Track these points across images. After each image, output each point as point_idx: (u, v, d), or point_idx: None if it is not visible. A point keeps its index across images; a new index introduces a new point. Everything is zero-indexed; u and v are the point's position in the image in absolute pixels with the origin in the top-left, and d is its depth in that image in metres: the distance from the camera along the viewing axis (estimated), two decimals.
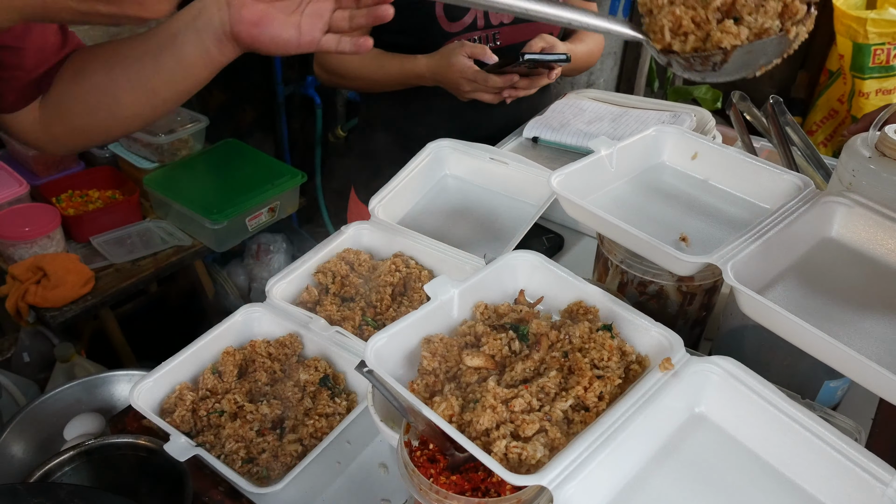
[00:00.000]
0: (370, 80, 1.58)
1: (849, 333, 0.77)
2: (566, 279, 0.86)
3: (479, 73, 1.36)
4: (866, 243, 0.87)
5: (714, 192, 0.99)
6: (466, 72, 1.37)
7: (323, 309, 1.10)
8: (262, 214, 2.22)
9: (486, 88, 1.39)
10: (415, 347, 0.80)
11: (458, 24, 1.49)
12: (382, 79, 1.55)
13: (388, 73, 1.53)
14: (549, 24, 1.58)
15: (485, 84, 1.37)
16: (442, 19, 1.49)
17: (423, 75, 1.47)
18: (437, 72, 1.44)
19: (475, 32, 1.51)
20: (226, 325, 1.08)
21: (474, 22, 1.50)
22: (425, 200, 1.37)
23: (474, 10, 1.49)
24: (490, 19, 1.51)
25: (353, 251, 1.21)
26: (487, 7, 0.76)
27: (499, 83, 1.37)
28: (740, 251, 0.79)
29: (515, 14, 0.78)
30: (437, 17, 1.48)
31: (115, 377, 1.49)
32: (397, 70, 1.50)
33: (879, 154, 0.90)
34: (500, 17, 1.52)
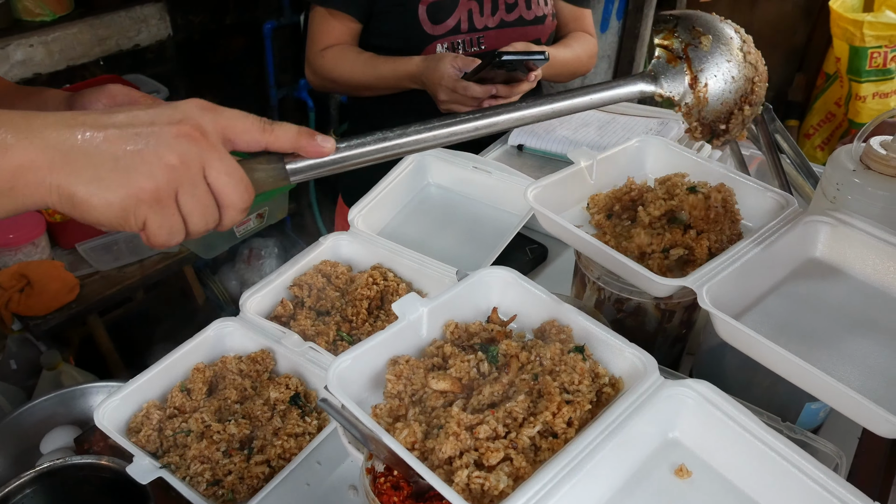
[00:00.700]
0: (362, 83, 1.56)
1: (831, 357, 0.74)
2: (540, 296, 0.84)
3: (458, 82, 1.34)
4: (852, 263, 0.84)
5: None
6: (446, 79, 1.35)
7: (297, 324, 1.08)
8: (251, 221, 2.19)
9: (464, 100, 1.36)
10: (381, 369, 0.78)
11: (441, 26, 1.47)
12: (375, 81, 1.53)
13: (381, 76, 1.51)
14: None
15: (464, 94, 1.35)
16: (425, 22, 1.47)
17: (414, 75, 1.45)
18: (424, 73, 1.42)
19: (459, 35, 1.48)
20: (197, 339, 1.05)
21: (458, 25, 1.48)
22: (408, 210, 1.34)
23: (458, 13, 1.47)
24: (474, 23, 1.49)
25: (330, 263, 1.18)
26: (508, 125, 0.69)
27: (478, 93, 1.35)
28: (717, 274, 0.76)
29: (531, 122, 0.71)
30: (419, 20, 1.46)
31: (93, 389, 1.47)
32: (390, 72, 1.49)
33: (864, 167, 0.87)
34: (485, 21, 1.50)
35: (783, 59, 3.08)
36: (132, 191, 0.60)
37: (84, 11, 2.38)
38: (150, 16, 2.54)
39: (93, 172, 0.59)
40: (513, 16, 1.52)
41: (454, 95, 1.36)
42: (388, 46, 1.52)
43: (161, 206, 0.62)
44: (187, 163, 0.61)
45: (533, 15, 1.54)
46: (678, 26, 0.67)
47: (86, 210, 0.60)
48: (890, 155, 0.85)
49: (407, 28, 1.47)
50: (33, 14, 2.26)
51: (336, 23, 1.52)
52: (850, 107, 2.75)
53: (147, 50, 2.59)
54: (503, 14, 1.51)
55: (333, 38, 1.54)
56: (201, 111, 0.64)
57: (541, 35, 1.56)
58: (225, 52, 2.86)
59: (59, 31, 2.32)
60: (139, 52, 2.56)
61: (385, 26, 1.52)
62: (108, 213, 0.60)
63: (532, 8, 1.53)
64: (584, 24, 1.70)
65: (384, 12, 1.50)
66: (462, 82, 1.34)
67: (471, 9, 1.48)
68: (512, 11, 1.52)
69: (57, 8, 2.30)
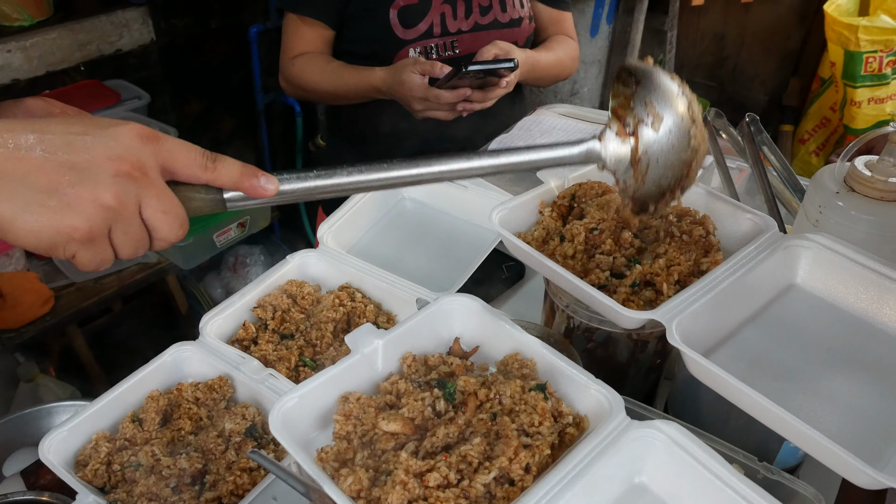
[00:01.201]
0: (330, 92, 1.53)
1: (809, 396, 0.70)
2: (504, 327, 0.79)
3: (429, 90, 1.30)
4: (834, 291, 0.80)
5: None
6: (416, 90, 1.31)
7: (258, 348, 1.03)
8: (231, 230, 2.15)
9: (439, 106, 1.32)
10: (332, 406, 0.73)
11: (413, 31, 1.43)
12: (342, 91, 1.50)
13: (347, 86, 1.47)
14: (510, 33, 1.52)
15: (436, 101, 1.31)
16: (396, 26, 1.43)
17: (380, 88, 1.41)
18: (391, 87, 1.38)
19: (432, 40, 1.44)
20: (154, 365, 1.01)
21: (430, 29, 1.44)
22: (381, 225, 1.30)
23: (430, 16, 1.43)
24: (447, 26, 1.45)
25: (296, 283, 1.14)
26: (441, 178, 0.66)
27: (450, 99, 1.31)
28: (689, 305, 0.72)
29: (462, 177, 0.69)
30: (391, 25, 1.42)
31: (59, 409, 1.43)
32: (355, 82, 1.45)
33: (848, 189, 0.83)
34: (459, 25, 1.46)
35: (778, 64, 3.04)
36: (64, 229, 0.57)
37: (64, 16, 2.33)
38: (133, 20, 2.49)
39: (22, 202, 0.56)
40: (487, 19, 1.48)
41: (427, 104, 1.33)
42: (360, 52, 1.48)
43: (93, 244, 0.60)
44: (124, 202, 0.58)
45: (508, 18, 1.50)
46: (636, 97, 0.64)
47: (10, 236, 0.57)
48: (875, 176, 0.81)
49: (378, 33, 1.44)
50: (11, 19, 2.22)
51: (308, 29, 1.49)
52: (846, 112, 2.70)
53: (129, 55, 2.54)
54: (477, 17, 1.47)
55: (305, 45, 1.50)
56: (141, 143, 0.60)
57: (517, 38, 1.51)
58: (210, 56, 2.81)
59: (38, 37, 2.27)
60: (121, 57, 2.51)
61: (356, 32, 1.48)
62: (35, 243, 0.58)
63: (507, 10, 1.49)
64: (565, 27, 1.66)
65: (355, 17, 1.46)
66: (433, 90, 1.30)
67: (444, 12, 1.44)
68: (486, 14, 1.47)
69: (35, 12, 2.25)
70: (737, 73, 3.19)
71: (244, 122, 3.02)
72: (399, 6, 1.42)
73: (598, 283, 0.79)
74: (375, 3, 1.43)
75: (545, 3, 1.61)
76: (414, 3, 1.43)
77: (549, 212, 0.87)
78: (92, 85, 2.40)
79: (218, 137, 3.01)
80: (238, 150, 3.11)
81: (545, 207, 0.88)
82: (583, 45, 2.43)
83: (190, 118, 2.87)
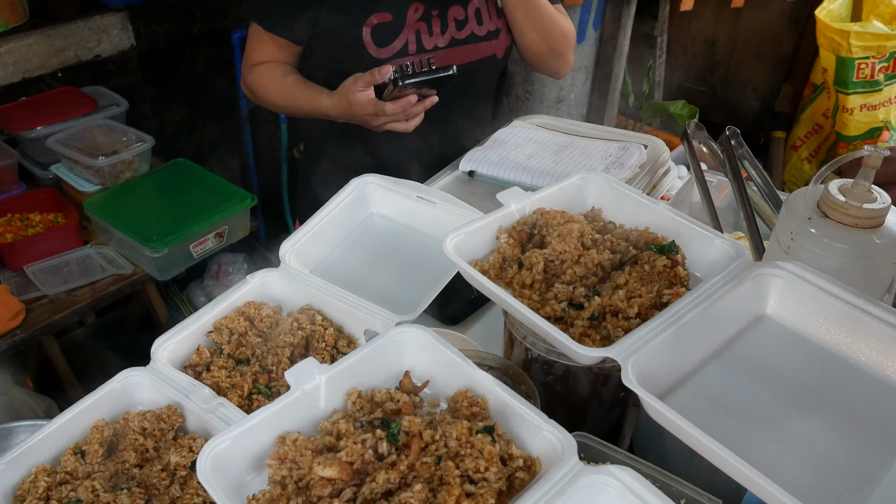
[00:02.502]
0: (283, 107, 1.50)
1: (773, 440, 0.66)
2: (455, 361, 0.75)
3: (377, 104, 1.26)
4: (806, 323, 0.75)
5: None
6: (366, 107, 1.28)
7: (210, 375, 0.99)
8: (209, 240, 2.10)
9: (390, 118, 1.29)
10: (269, 447, 0.69)
11: (387, 49, 1.38)
12: (294, 109, 1.47)
13: (299, 106, 1.44)
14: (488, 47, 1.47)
15: (384, 115, 1.27)
16: (370, 45, 1.38)
17: (330, 115, 1.38)
18: (342, 112, 1.35)
19: (407, 58, 1.40)
20: (101, 392, 0.96)
21: (405, 47, 1.39)
22: (348, 242, 1.25)
23: (405, 34, 1.38)
24: (423, 43, 1.40)
25: (255, 304, 1.09)
26: None
27: (396, 110, 1.27)
28: (648, 341, 0.67)
29: None
30: (364, 44, 1.38)
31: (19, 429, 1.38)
32: (306, 104, 1.42)
33: (821, 214, 0.78)
34: (435, 41, 1.41)
35: (770, 69, 2.99)
36: None
37: (39, 22, 2.29)
38: (112, 25, 2.45)
39: None
40: (464, 33, 1.43)
41: (380, 119, 1.29)
42: (333, 69, 1.43)
43: None
44: None
45: (485, 30, 1.45)
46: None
47: None
48: (849, 202, 0.76)
49: (352, 51, 1.39)
50: None
51: (269, 41, 1.45)
52: (838, 119, 2.66)
53: (109, 61, 2.50)
54: (454, 32, 1.42)
55: (266, 55, 1.47)
56: None
57: (495, 51, 1.47)
58: (192, 61, 2.77)
59: (13, 43, 2.23)
60: (100, 64, 2.47)
61: (330, 49, 1.43)
62: None
63: (484, 23, 1.44)
64: None
65: (326, 35, 1.42)
66: (380, 104, 1.27)
67: (419, 29, 1.40)
68: (462, 29, 1.43)
69: (10, 18, 2.21)
70: (728, 78, 3.15)
71: (228, 128, 2.98)
72: (372, 24, 1.38)
73: (555, 315, 0.75)
74: (347, 21, 1.39)
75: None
76: (387, 20, 1.38)
77: (507, 238, 0.83)
78: (69, 92, 2.36)
79: (201, 144, 2.97)
80: (222, 157, 3.07)
81: (503, 233, 0.84)
82: None
83: (172, 125, 2.83)
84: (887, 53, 2.51)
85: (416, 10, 1.40)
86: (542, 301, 0.77)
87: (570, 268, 0.78)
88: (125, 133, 2.21)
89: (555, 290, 0.77)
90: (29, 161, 2.24)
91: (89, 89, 2.41)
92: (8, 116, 2.21)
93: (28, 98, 2.31)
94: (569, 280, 0.78)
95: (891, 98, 2.62)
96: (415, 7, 1.40)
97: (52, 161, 2.21)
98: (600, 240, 0.84)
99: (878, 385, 0.71)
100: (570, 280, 0.78)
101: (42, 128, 2.18)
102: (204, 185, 2.21)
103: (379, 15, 1.39)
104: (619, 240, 0.84)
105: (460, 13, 1.44)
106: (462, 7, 1.44)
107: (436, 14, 1.41)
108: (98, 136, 2.18)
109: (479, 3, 1.45)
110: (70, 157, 2.11)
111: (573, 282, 0.78)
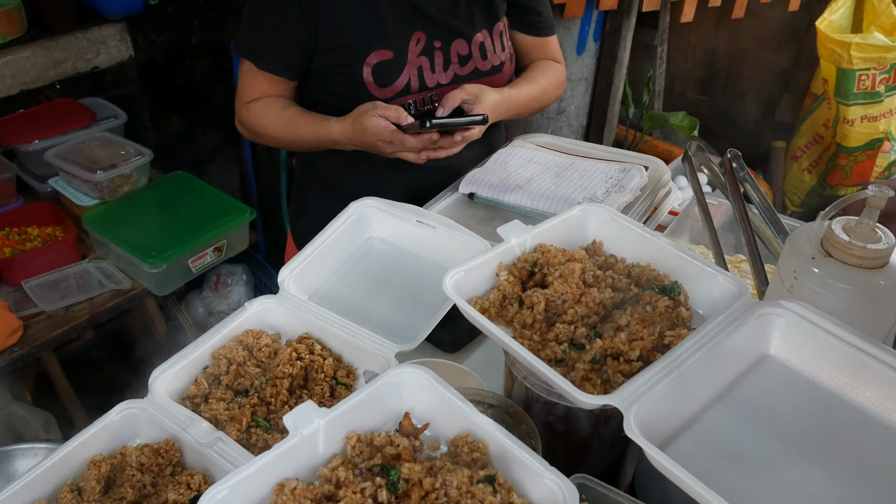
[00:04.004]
0: (287, 141, 1.44)
1: (778, 490, 0.65)
2: (455, 403, 0.74)
3: (395, 133, 1.24)
4: (810, 365, 0.74)
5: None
6: (383, 133, 1.25)
7: (208, 407, 0.98)
8: (207, 255, 2.10)
9: (406, 149, 1.27)
10: (267, 496, 0.68)
11: (389, 89, 1.35)
12: (300, 142, 1.42)
13: (304, 137, 1.39)
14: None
15: (402, 146, 1.25)
16: (371, 85, 1.35)
17: (339, 141, 1.34)
18: (352, 137, 1.31)
19: (410, 96, 1.37)
20: (99, 426, 0.95)
21: (408, 85, 1.36)
22: (347, 266, 1.24)
23: (407, 72, 1.35)
24: (425, 81, 1.37)
25: (253, 333, 1.08)
26: None
27: (416, 145, 1.25)
28: (650, 388, 0.67)
29: None
30: (365, 84, 1.35)
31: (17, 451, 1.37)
32: (312, 134, 1.37)
33: (825, 253, 0.78)
34: (437, 78, 1.38)
35: (769, 79, 2.99)
36: None
37: (37, 33, 2.28)
38: (110, 37, 2.43)
39: None
40: (467, 69, 1.40)
41: (394, 146, 1.27)
42: (335, 105, 1.39)
43: None
44: None
45: (489, 65, 1.42)
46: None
47: None
48: (853, 241, 0.76)
49: (353, 90, 1.35)
50: None
51: (262, 79, 1.39)
52: (838, 130, 2.65)
53: (107, 72, 2.49)
54: (457, 68, 1.39)
55: (260, 91, 1.41)
56: None
57: (498, 83, 1.44)
58: (191, 72, 2.76)
59: (11, 55, 2.22)
60: (98, 75, 2.46)
61: (328, 86, 1.39)
62: None
63: (488, 57, 1.41)
64: (549, 51, 1.58)
65: (326, 72, 1.38)
66: (398, 133, 1.24)
67: (421, 66, 1.36)
68: (466, 64, 1.40)
69: (8, 31, 2.20)
70: (728, 87, 3.14)
71: (226, 137, 2.97)
72: (372, 63, 1.34)
73: (556, 358, 0.74)
74: (346, 58, 1.35)
75: (528, 33, 1.54)
76: (388, 58, 1.35)
77: (507, 275, 0.82)
78: (67, 104, 2.35)
79: (199, 154, 2.96)
80: (221, 166, 3.06)
81: (503, 270, 0.83)
82: (569, 63, 2.38)
83: (170, 135, 2.82)
84: (888, 65, 2.50)
85: (418, 43, 1.36)
86: (543, 342, 0.76)
87: (572, 307, 0.78)
88: (124, 146, 2.20)
89: (556, 331, 0.77)
90: (27, 174, 2.23)
91: (87, 101, 2.40)
92: (6, 129, 2.21)
93: (26, 110, 2.30)
94: (570, 320, 0.77)
95: (892, 109, 2.62)
96: (416, 38, 1.36)
97: (50, 174, 2.21)
98: (602, 276, 0.83)
99: (882, 430, 0.70)
100: (571, 320, 0.77)
101: (40, 141, 2.17)
102: (202, 198, 2.20)
103: (379, 53, 1.34)
104: (620, 276, 0.84)
105: (464, 48, 1.40)
106: (466, 41, 1.40)
107: (438, 46, 1.37)
108: (96, 150, 2.17)
109: (483, 37, 1.42)
110: (68, 171, 2.10)
111: (574, 321, 0.78)
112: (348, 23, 1.33)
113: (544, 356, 0.75)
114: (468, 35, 1.40)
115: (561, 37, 2.26)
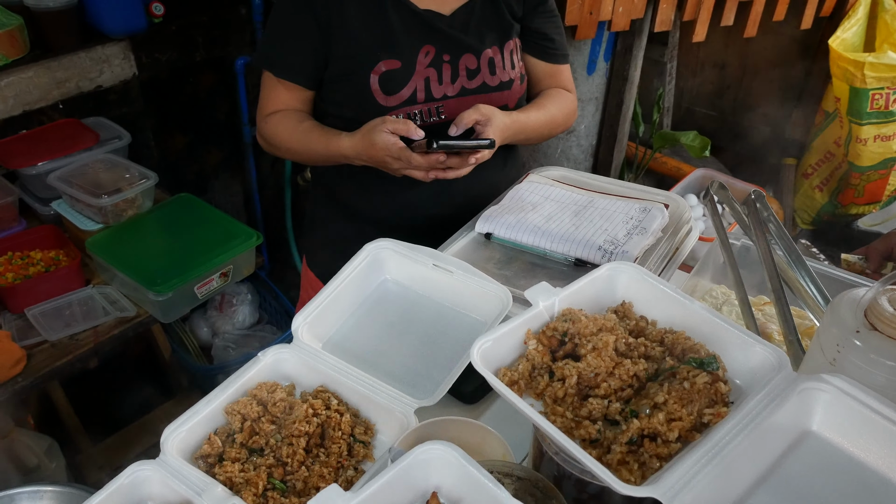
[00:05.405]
0: (301, 155, 1.46)
1: None
2: (482, 483, 0.71)
3: (403, 150, 1.23)
4: (853, 443, 0.72)
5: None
6: (391, 149, 1.24)
7: (223, 469, 0.95)
8: (213, 280, 2.06)
9: (414, 167, 1.25)
10: None
11: (394, 98, 1.35)
12: (312, 156, 1.43)
13: (315, 151, 1.40)
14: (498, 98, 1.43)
15: (409, 163, 1.24)
16: (378, 94, 1.35)
17: (348, 156, 1.34)
18: (361, 152, 1.31)
19: (415, 106, 1.36)
20: (110, 489, 0.92)
21: (413, 95, 1.36)
22: (361, 311, 1.21)
23: (414, 82, 1.35)
24: (432, 92, 1.37)
25: (267, 386, 1.06)
26: None
27: (423, 164, 1.23)
28: (693, 476, 0.64)
29: None
30: (371, 92, 1.34)
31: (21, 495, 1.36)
32: (323, 148, 1.38)
33: (869, 326, 0.74)
34: (444, 90, 1.38)
35: (780, 95, 2.96)
36: None
37: (40, 54, 2.25)
38: (113, 55, 2.40)
39: None
40: (475, 83, 1.39)
41: (401, 163, 1.26)
42: (343, 115, 1.41)
43: None
44: None
45: (498, 81, 1.41)
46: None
47: None
48: None
49: (359, 98, 1.36)
50: None
51: (282, 88, 1.42)
52: (851, 149, 2.62)
53: (110, 91, 2.46)
54: (464, 81, 1.38)
55: (280, 103, 1.43)
56: None
57: (507, 101, 1.43)
58: (195, 89, 2.73)
59: (14, 76, 2.19)
60: (101, 94, 2.43)
61: (338, 95, 1.40)
62: None
63: (497, 73, 1.41)
64: (561, 80, 1.57)
65: (334, 81, 1.39)
66: (406, 151, 1.24)
67: (428, 77, 1.36)
68: (474, 78, 1.39)
69: (10, 52, 2.17)
70: (738, 103, 3.11)
71: (231, 155, 2.94)
72: (380, 72, 1.34)
73: (590, 438, 0.71)
74: (355, 66, 1.35)
75: (540, 59, 1.52)
76: (396, 67, 1.35)
77: (536, 344, 0.79)
78: (70, 124, 2.31)
79: (204, 171, 2.93)
80: (225, 184, 3.03)
81: (531, 338, 0.80)
82: (580, 82, 2.35)
83: (174, 153, 2.79)
84: None
85: (427, 55, 1.37)
86: (576, 419, 0.73)
87: (605, 380, 0.75)
88: (128, 169, 2.17)
89: (589, 406, 0.74)
90: (29, 196, 2.20)
91: (90, 121, 2.37)
92: (8, 151, 2.17)
93: (28, 131, 2.27)
94: (603, 394, 0.74)
95: None
96: (426, 51, 1.36)
97: (52, 196, 2.17)
98: (634, 344, 0.80)
99: None
100: (604, 393, 0.74)
101: (43, 164, 2.14)
102: (208, 221, 2.17)
103: (388, 62, 1.35)
104: (653, 343, 0.81)
105: (472, 62, 1.40)
106: (475, 56, 1.40)
107: (447, 60, 1.38)
108: (100, 173, 2.14)
109: (492, 53, 1.42)
110: (72, 195, 2.07)
111: (608, 395, 0.75)
112: (359, 33, 1.35)
113: (578, 436, 0.71)
114: (477, 50, 1.40)
115: (572, 56, 2.22)
